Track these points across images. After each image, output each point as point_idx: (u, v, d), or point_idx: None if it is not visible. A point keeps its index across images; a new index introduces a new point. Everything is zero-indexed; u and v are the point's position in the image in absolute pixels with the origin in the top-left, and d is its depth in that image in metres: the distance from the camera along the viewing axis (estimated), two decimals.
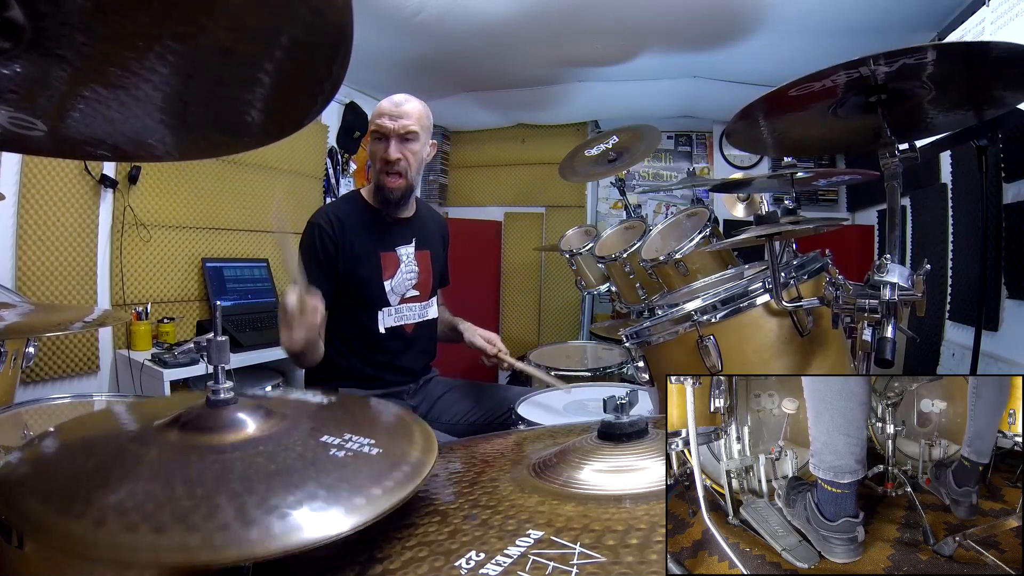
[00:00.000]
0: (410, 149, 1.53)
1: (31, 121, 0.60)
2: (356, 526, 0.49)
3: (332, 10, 0.52)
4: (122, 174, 2.40)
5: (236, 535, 0.46)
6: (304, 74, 0.60)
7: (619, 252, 1.97)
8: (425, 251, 1.71)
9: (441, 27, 2.59)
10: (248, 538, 0.46)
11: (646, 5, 2.41)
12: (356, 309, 1.60)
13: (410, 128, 1.51)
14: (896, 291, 0.85)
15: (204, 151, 0.79)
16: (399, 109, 1.51)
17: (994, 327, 2.01)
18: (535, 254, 3.98)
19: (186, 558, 0.45)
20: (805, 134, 1.19)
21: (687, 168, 3.86)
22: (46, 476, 0.58)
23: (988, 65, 0.92)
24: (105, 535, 0.46)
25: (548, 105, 3.72)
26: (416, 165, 1.57)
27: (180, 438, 0.60)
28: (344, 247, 1.56)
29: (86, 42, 0.50)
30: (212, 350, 0.64)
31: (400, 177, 1.55)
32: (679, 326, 1.11)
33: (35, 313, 1.44)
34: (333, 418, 0.71)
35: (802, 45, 2.59)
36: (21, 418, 1.22)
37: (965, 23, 2.17)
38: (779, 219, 1.12)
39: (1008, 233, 1.94)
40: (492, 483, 0.68)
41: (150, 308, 2.47)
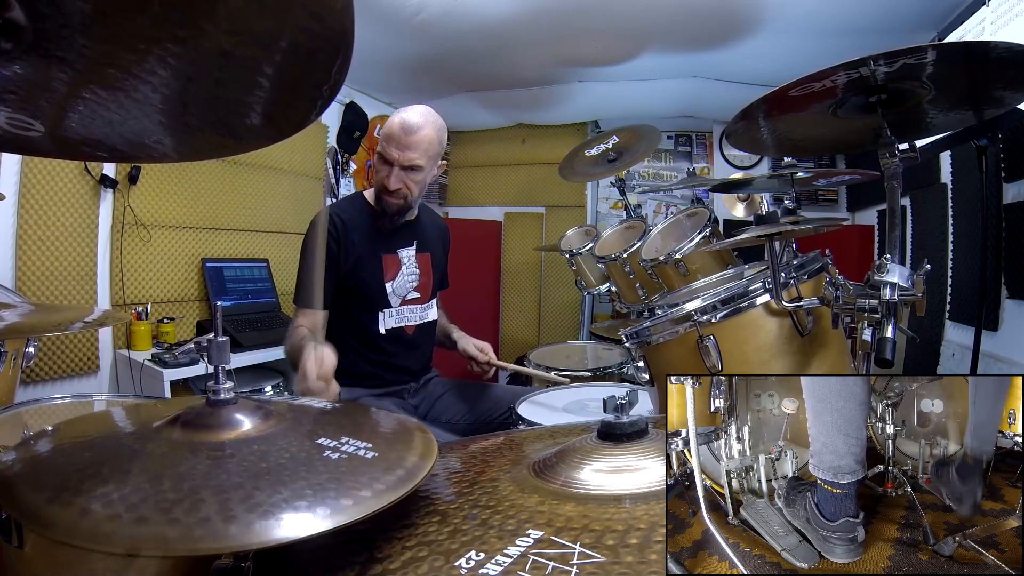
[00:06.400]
0: (412, 179, 1.53)
1: (29, 122, 0.60)
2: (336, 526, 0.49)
3: (332, 15, 0.52)
4: (122, 174, 2.40)
5: (215, 529, 0.46)
6: (304, 77, 0.60)
7: (619, 252, 1.97)
8: (426, 253, 1.72)
9: (441, 27, 2.59)
10: (227, 533, 0.46)
11: (646, 5, 2.41)
12: (357, 310, 1.60)
13: (415, 162, 1.50)
14: (896, 291, 0.85)
15: (203, 152, 0.79)
16: (408, 139, 1.48)
17: (994, 327, 2.00)
18: (535, 254, 3.98)
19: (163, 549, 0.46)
20: (805, 134, 1.19)
21: (687, 168, 3.85)
22: (41, 468, 0.59)
23: (988, 65, 0.92)
24: (87, 523, 0.47)
25: (548, 105, 3.72)
26: (418, 190, 1.56)
27: (178, 436, 0.61)
28: (347, 248, 1.57)
29: (86, 44, 0.50)
30: (213, 350, 0.64)
31: (400, 200, 1.55)
32: (679, 326, 1.11)
33: (35, 313, 1.44)
34: (333, 421, 0.71)
35: (802, 45, 2.59)
36: (21, 418, 1.22)
37: (965, 23, 2.17)
38: (779, 219, 1.12)
39: (1008, 233, 1.94)
40: (492, 483, 0.68)
41: (150, 308, 2.47)
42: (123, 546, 0.46)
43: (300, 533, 0.48)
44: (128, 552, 0.46)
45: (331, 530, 0.49)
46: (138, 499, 0.49)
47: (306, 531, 0.48)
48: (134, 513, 0.47)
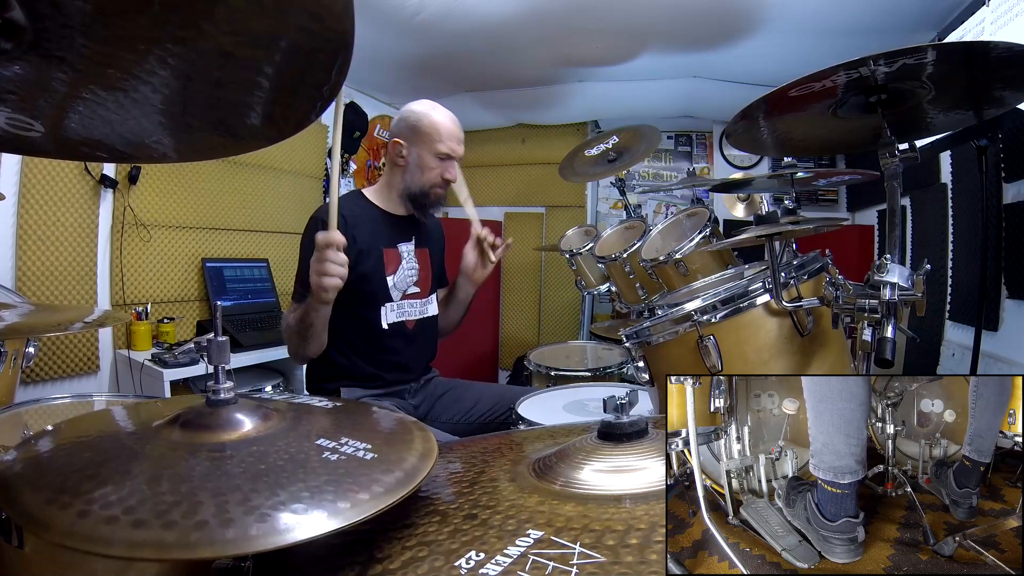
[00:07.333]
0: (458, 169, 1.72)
1: (29, 122, 0.60)
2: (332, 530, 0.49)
3: (332, 16, 0.52)
4: (122, 174, 2.40)
5: (212, 534, 0.46)
6: (304, 78, 0.60)
7: (619, 252, 1.97)
8: (424, 249, 1.74)
9: (441, 27, 2.59)
10: (224, 537, 0.46)
11: (646, 5, 2.41)
12: (359, 305, 1.60)
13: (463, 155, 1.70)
14: (896, 291, 0.85)
15: (202, 153, 0.79)
16: (462, 135, 1.70)
17: (994, 327, 2.01)
18: (535, 254, 3.98)
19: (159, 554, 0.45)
20: (805, 134, 1.19)
21: (687, 168, 3.85)
22: (41, 468, 0.59)
23: (988, 65, 0.92)
24: (85, 526, 0.47)
25: (548, 105, 3.72)
26: None
27: (178, 436, 0.61)
28: (349, 242, 1.57)
29: (86, 44, 0.50)
30: (213, 350, 0.64)
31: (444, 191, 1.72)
32: (679, 326, 1.11)
33: (35, 313, 1.44)
34: (333, 422, 0.71)
35: (802, 45, 2.59)
36: (21, 418, 1.22)
37: (965, 23, 2.17)
38: (779, 219, 1.12)
39: (1008, 233, 1.94)
40: (492, 483, 0.68)
41: (150, 308, 2.47)
42: (121, 549, 0.45)
43: (297, 537, 0.48)
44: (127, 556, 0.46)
45: (327, 533, 0.48)
46: (136, 501, 0.49)
47: (303, 535, 0.48)
48: (132, 516, 0.47)
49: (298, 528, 0.48)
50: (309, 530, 0.48)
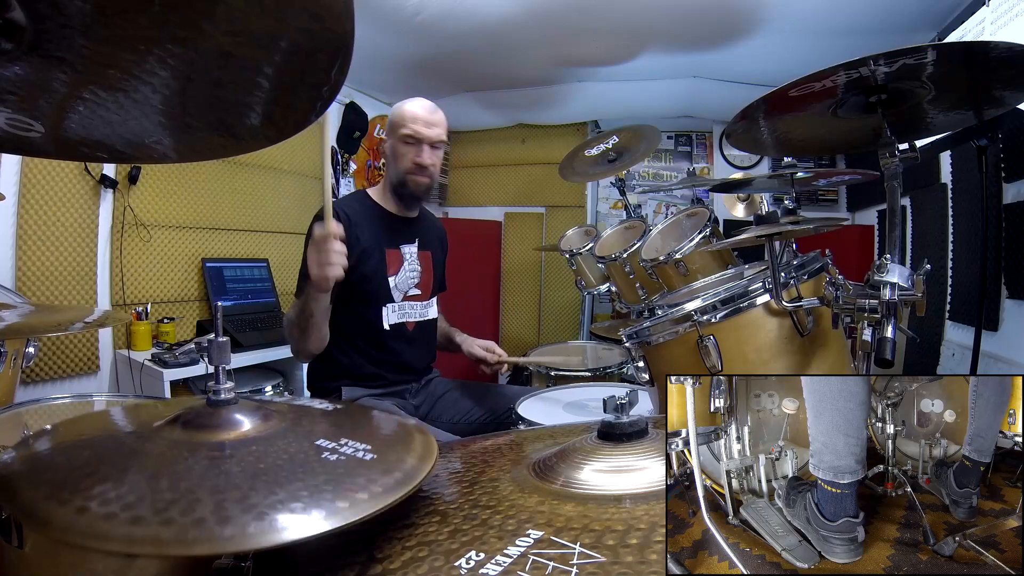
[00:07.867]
0: (438, 156, 1.64)
1: (29, 122, 0.60)
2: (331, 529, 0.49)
3: (332, 16, 0.52)
4: (122, 174, 2.40)
5: (210, 531, 0.46)
6: (304, 78, 0.60)
7: (619, 252, 1.97)
8: (427, 251, 1.74)
9: (441, 27, 2.59)
10: (221, 535, 0.46)
11: (646, 5, 2.41)
12: (360, 305, 1.61)
13: (441, 138, 1.63)
14: (896, 291, 0.85)
15: (202, 153, 0.79)
16: (432, 117, 1.61)
17: (994, 327, 2.01)
18: (535, 254, 3.98)
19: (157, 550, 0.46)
20: (805, 134, 1.19)
21: (687, 168, 3.85)
22: (40, 466, 0.59)
23: (988, 65, 0.92)
24: (83, 523, 0.47)
25: (548, 105, 3.72)
26: (439, 169, 1.69)
27: (178, 435, 0.61)
28: (350, 242, 1.57)
29: (86, 44, 0.50)
30: (213, 350, 0.64)
31: (428, 177, 1.64)
32: (679, 326, 1.11)
33: (35, 313, 1.44)
34: (333, 423, 0.71)
35: (802, 45, 2.59)
36: (21, 418, 1.22)
37: (965, 23, 2.17)
38: (779, 219, 1.12)
39: (1008, 233, 1.94)
40: (492, 483, 0.68)
41: (150, 308, 2.47)
42: (119, 545, 0.45)
43: (295, 536, 0.48)
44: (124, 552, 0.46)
45: (326, 533, 0.48)
46: (135, 498, 0.49)
47: (301, 533, 0.48)
48: (130, 512, 0.47)
49: (295, 527, 0.48)
50: (306, 529, 0.48)
